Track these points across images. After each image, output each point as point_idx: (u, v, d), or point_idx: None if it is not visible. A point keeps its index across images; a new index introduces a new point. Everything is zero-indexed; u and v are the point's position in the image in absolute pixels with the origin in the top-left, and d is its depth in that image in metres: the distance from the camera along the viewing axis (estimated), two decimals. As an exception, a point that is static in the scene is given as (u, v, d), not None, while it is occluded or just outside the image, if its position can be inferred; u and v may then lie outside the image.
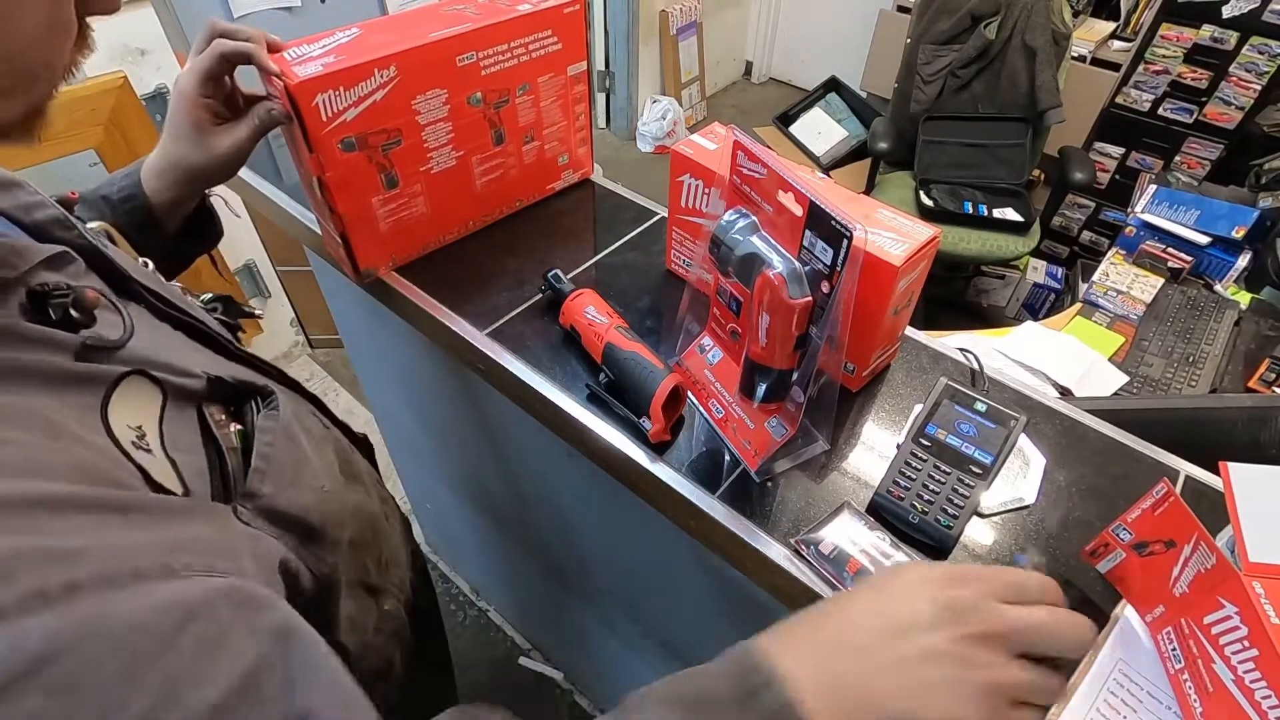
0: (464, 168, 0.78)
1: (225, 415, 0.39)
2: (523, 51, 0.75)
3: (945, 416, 0.61)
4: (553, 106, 0.82)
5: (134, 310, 0.40)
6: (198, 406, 0.38)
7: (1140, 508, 0.51)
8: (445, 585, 1.73)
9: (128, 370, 0.34)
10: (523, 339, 0.73)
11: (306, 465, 0.43)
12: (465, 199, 0.81)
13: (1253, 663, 0.42)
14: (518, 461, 1.00)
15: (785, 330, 0.54)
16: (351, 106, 0.64)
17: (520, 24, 0.73)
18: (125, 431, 0.32)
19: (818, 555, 0.54)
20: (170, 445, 0.34)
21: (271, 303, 2.11)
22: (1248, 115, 2.17)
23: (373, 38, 0.66)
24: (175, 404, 0.36)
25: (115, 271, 0.41)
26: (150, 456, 0.32)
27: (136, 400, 0.34)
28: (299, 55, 0.63)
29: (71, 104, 1.39)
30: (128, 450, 0.31)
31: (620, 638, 1.13)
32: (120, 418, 0.32)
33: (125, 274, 0.41)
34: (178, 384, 0.37)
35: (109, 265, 0.41)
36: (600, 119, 3.50)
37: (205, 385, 0.39)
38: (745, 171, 0.57)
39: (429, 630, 0.68)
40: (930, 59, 2.22)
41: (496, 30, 0.71)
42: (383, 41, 0.65)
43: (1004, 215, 2.11)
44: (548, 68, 0.78)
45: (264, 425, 0.40)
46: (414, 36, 0.67)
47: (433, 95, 0.70)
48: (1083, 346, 1.34)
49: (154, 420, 0.34)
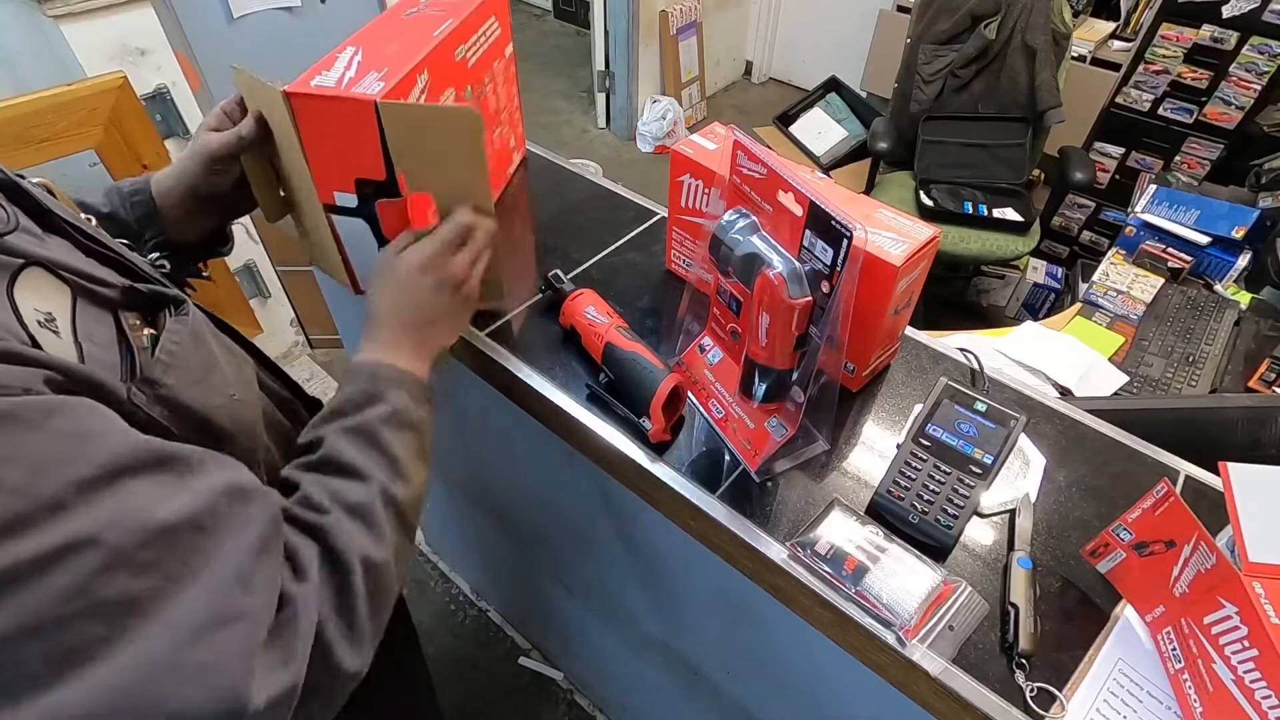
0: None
1: (140, 322, 0.44)
2: (485, 40, 0.75)
3: (945, 416, 0.61)
4: (504, 91, 0.82)
5: (56, 240, 0.44)
6: (114, 312, 0.42)
7: (1140, 508, 0.51)
8: (445, 585, 1.73)
9: (26, 261, 0.38)
10: (523, 339, 0.73)
11: (216, 370, 0.47)
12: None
13: (1253, 663, 0.42)
14: (518, 461, 1.00)
15: (785, 330, 0.54)
16: None
17: (479, 13, 0.73)
18: (32, 313, 0.36)
19: (815, 556, 0.54)
20: (83, 336, 0.39)
21: (271, 303, 2.11)
22: (1248, 115, 2.16)
23: (381, 48, 0.64)
24: (89, 304, 0.41)
25: (36, 206, 0.44)
26: (56, 338, 0.37)
27: (43, 291, 0.38)
28: (335, 79, 0.60)
29: (71, 104, 1.39)
30: (28, 323, 0.35)
31: (620, 638, 1.13)
32: (28, 301, 0.36)
33: (46, 209, 0.45)
34: (89, 287, 0.41)
35: (28, 199, 0.44)
36: (600, 119, 3.50)
37: (120, 294, 0.43)
38: (745, 171, 0.57)
39: None
40: (930, 59, 2.22)
41: (470, 22, 0.71)
42: (397, 50, 0.64)
43: (1004, 215, 2.11)
44: (497, 52, 0.79)
45: (172, 327, 0.44)
46: (419, 39, 0.65)
47: (447, 95, 0.70)
48: (1083, 346, 1.34)
49: (65, 310, 0.39)
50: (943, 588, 0.52)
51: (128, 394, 0.39)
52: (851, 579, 0.53)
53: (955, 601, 0.53)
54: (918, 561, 0.53)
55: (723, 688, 0.93)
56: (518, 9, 4.66)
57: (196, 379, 0.44)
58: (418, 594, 1.71)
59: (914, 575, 0.53)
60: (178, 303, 0.46)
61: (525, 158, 0.98)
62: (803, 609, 0.57)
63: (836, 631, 0.56)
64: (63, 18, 1.41)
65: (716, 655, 0.89)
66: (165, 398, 0.41)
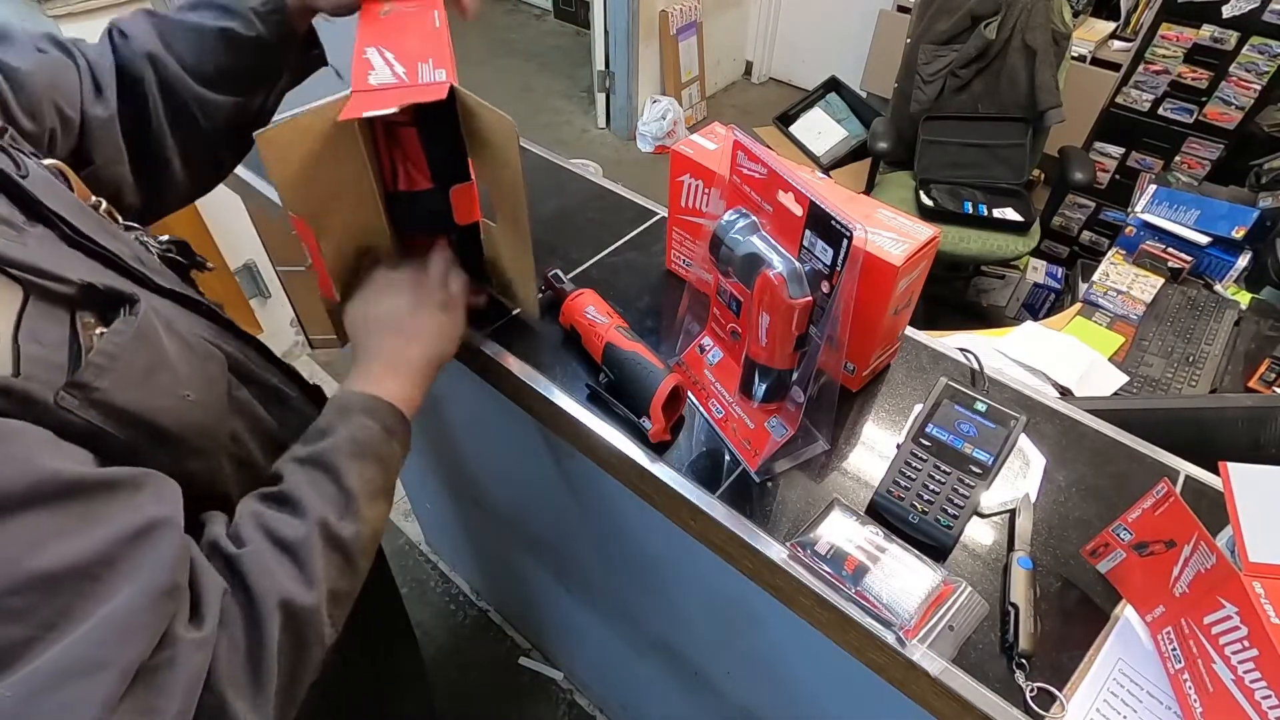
0: None
1: (95, 321, 0.43)
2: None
3: (945, 416, 0.61)
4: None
5: (39, 231, 0.44)
6: (71, 311, 0.42)
7: (1140, 508, 0.51)
8: (445, 585, 1.73)
9: None
10: (523, 339, 0.73)
11: (163, 370, 0.45)
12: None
13: (1253, 663, 0.42)
14: (518, 462, 1.00)
15: (785, 330, 0.54)
16: None
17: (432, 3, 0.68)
18: None
19: (815, 556, 0.54)
20: (26, 337, 0.38)
21: (271, 303, 2.11)
22: (1248, 115, 2.16)
23: (404, 46, 0.61)
24: (43, 304, 0.40)
25: (24, 195, 0.44)
26: None
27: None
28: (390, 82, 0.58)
29: (71, 104, 1.39)
30: None
31: (620, 637, 1.13)
32: None
33: (34, 199, 0.44)
34: (45, 286, 0.40)
35: (17, 189, 0.44)
36: (600, 119, 3.50)
37: (77, 291, 0.42)
38: (745, 171, 0.56)
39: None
40: (930, 59, 2.22)
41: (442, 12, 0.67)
42: (417, 47, 0.61)
43: (1004, 215, 2.11)
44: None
45: (116, 328, 0.43)
46: (426, 33, 0.63)
47: None
48: (1083, 346, 1.34)
49: (12, 311, 0.38)
50: (943, 588, 0.52)
51: (55, 399, 0.38)
52: (851, 579, 0.53)
53: (955, 601, 0.53)
54: (918, 561, 0.53)
55: (722, 687, 0.93)
56: (518, 9, 4.66)
57: (136, 381, 0.42)
58: (418, 594, 1.71)
59: (914, 575, 0.53)
60: (133, 300, 0.45)
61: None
62: (803, 609, 0.57)
63: (836, 631, 0.56)
64: (63, 18, 1.41)
65: (716, 655, 0.89)
66: (99, 401, 0.40)
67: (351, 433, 0.51)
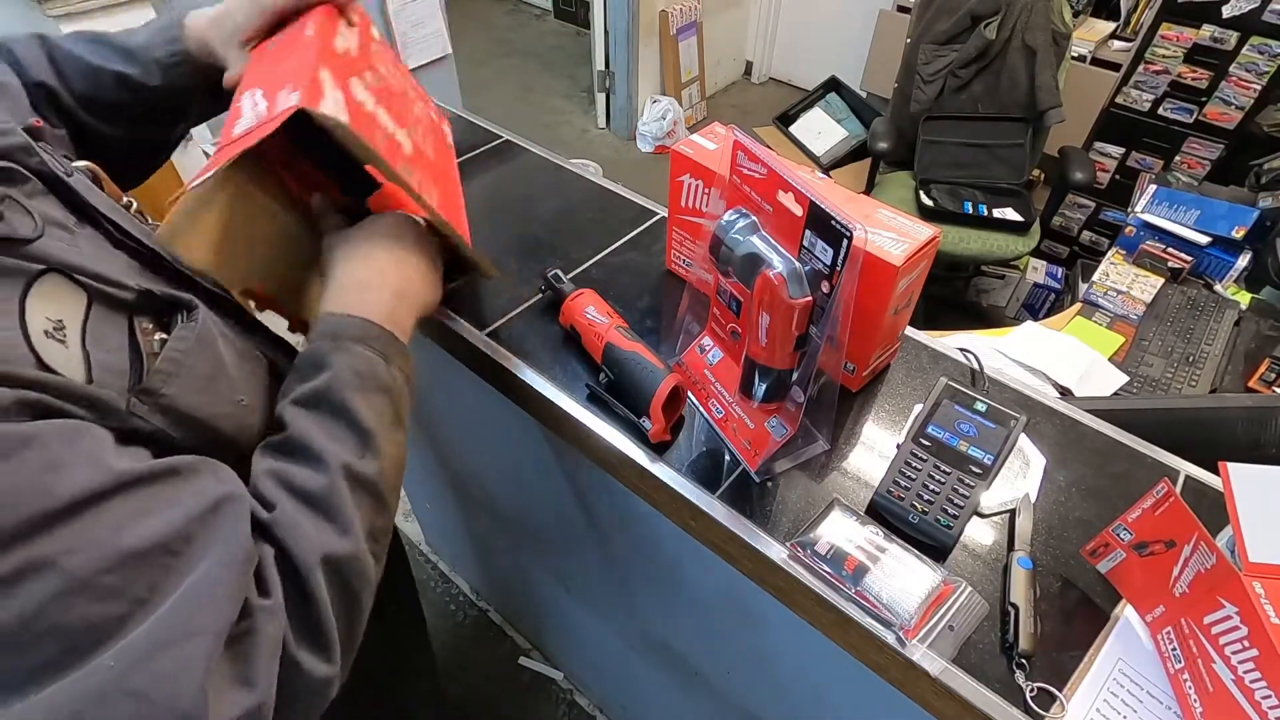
0: (417, 147, 0.69)
1: (154, 326, 0.44)
2: (351, 31, 0.67)
3: (945, 416, 0.61)
4: (396, 70, 0.74)
5: (89, 233, 0.44)
6: (130, 316, 0.42)
7: (1140, 508, 0.51)
8: (445, 585, 1.73)
9: (44, 268, 0.38)
10: (523, 339, 0.73)
11: (222, 376, 0.46)
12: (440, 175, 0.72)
13: (1253, 663, 0.42)
14: (518, 462, 1.00)
15: (785, 330, 0.54)
16: None
17: (325, 11, 0.64)
18: (42, 321, 0.37)
19: (815, 556, 0.54)
20: (92, 342, 0.39)
21: (271, 303, 2.11)
22: (1248, 115, 2.16)
23: (275, 76, 0.56)
24: (104, 309, 0.41)
25: (74, 198, 0.45)
26: (62, 348, 0.37)
27: (59, 297, 0.39)
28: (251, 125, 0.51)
29: (71, 104, 1.39)
30: (31, 335, 0.36)
31: (620, 637, 1.13)
32: (40, 309, 0.37)
33: (84, 201, 0.45)
34: (106, 292, 0.41)
35: (68, 191, 0.45)
36: (600, 119, 3.50)
37: (136, 297, 0.43)
38: (745, 171, 0.56)
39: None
40: (930, 59, 2.22)
41: (327, 13, 0.64)
42: (287, 73, 0.55)
43: (1004, 215, 2.11)
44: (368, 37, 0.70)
45: (179, 334, 0.44)
46: (300, 48, 0.59)
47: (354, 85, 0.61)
48: (1083, 346, 1.34)
49: (78, 317, 0.39)
50: (943, 588, 0.52)
51: (128, 405, 0.39)
52: (851, 579, 0.53)
53: (955, 601, 0.53)
54: (918, 561, 0.53)
55: (722, 688, 0.93)
56: (518, 9, 4.66)
57: (200, 387, 0.44)
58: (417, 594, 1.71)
59: (914, 575, 0.53)
60: (190, 307, 0.46)
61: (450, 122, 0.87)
62: (803, 609, 0.57)
63: (836, 631, 0.56)
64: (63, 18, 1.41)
65: (716, 655, 0.89)
66: (166, 407, 0.41)
67: (351, 364, 0.48)
